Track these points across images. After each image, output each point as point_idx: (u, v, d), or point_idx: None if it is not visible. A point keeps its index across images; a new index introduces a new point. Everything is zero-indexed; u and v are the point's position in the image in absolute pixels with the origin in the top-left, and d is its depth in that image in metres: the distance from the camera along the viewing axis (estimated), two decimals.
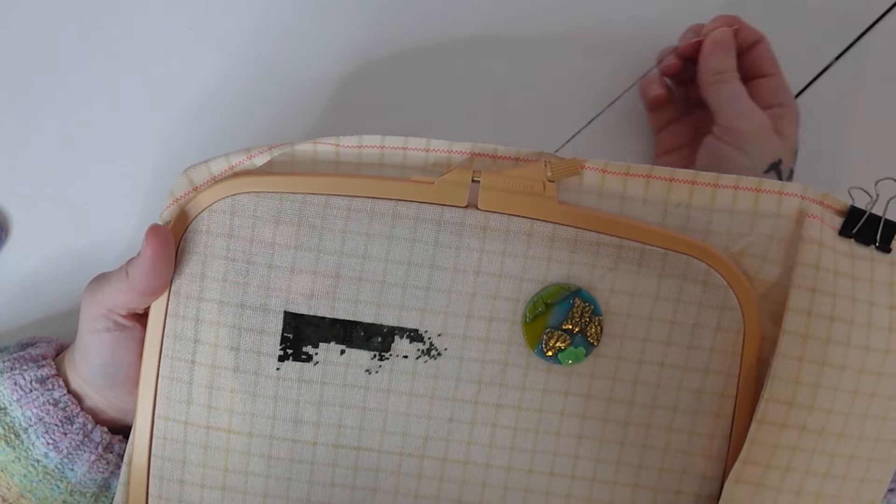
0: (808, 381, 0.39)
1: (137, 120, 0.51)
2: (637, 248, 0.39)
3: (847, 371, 0.39)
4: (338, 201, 0.39)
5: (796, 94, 0.53)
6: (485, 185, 0.38)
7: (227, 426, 0.40)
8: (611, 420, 0.40)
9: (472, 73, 0.52)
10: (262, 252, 0.39)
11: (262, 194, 0.39)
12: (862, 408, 0.40)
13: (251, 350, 0.40)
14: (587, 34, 0.53)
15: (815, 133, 0.53)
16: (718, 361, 0.40)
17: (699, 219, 0.40)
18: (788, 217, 0.40)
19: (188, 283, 0.40)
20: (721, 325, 0.39)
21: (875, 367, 0.40)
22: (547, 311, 0.39)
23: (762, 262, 0.40)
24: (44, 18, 0.50)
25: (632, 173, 0.40)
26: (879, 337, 0.39)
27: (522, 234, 0.39)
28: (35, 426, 0.41)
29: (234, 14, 0.51)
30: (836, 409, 0.39)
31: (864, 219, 0.40)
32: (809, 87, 0.53)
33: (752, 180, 0.39)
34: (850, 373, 0.39)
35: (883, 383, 0.40)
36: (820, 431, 0.39)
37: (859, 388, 0.39)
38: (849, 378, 0.39)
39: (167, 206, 0.40)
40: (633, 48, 0.53)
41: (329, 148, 0.40)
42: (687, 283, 0.39)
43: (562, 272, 0.39)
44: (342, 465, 0.40)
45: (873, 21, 0.53)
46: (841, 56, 0.53)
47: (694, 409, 0.40)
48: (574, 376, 0.40)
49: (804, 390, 0.39)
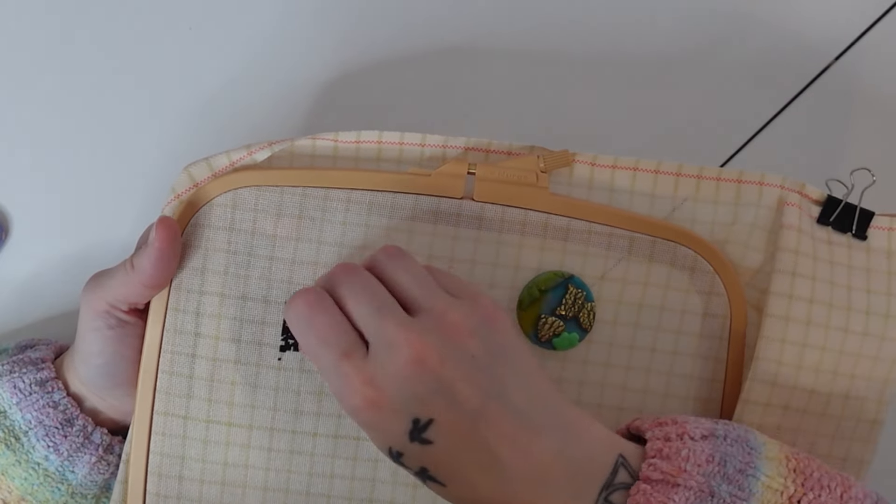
0: (791, 362, 0.40)
1: (137, 120, 0.51)
2: (627, 236, 0.40)
3: (827, 352, 0.41)
4: (337, 194, 0.40)
5: (796, 94, 0.53)
6: (480, 176, 0.40)
7: (228, 419, 0.41)
8: (605, 405, 0.41)
9: (472, 74, 0.52)
10: (263, 244, 0.40)
11: (262, 188, 0.40)
12: (843, 388, 0.41)
13: (253, 341, 0.40)
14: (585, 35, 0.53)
15: (813, 134, 0.53)
16: (706, 346, 0.41)
17: (684, 209, 0.41)
18: (769, 206, 0.41)
19: (189, 277, 0.40)
20: (708, 310, 0.41)
21: (855, 349, 0.41)
22: (541, 297, 0.40)
23: (745, 250, 0.41)
24: (44, 18, 0.50)
25: (619, 166, 0.41)
26: (857, 320, 0.41)
27: (517, 224, 0.40)
28: (35, 429, 0.41)
29: (234, 15, 0.51)
30: (817, 389, 0.41)
31: (840, 207, 0.42)
32: (809, 87, 0.53)
33: (733, 172, 0.41)
34: (831, 353, 0.41)
35: (861, 364, 0.41)
36: (803, 411, 0.41)
37: (839, 369, 0.41)
38: (829, 358, 0.41)
39: (168, 201, 0.41)
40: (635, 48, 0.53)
41: (328, 143, 0.41)
42: (675, 270, 0.41)
43: (555, 260, 0.40)
44: (342, 455, 0.41)
45: (873, 21, 0.53)
46: (841, 56, 0.53)
47: (684, 395, 0.42)
48: (568, 362, 0.41)
49: (787, 371, 0.40)
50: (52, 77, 0.50)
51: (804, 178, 0.42)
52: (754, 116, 0.53)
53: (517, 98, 0.53)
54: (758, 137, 0.53)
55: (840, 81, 0.53)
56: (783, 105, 0.53)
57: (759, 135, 0.53)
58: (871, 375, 0.42)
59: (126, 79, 0.51)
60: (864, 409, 0.42)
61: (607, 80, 0.53)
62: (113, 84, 0.51)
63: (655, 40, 0.53)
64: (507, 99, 0.53)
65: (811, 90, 0.53)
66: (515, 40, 0.53)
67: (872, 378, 0.42)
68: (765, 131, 0.53)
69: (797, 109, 0.53)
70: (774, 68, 0.53)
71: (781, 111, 0.53)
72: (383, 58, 0.52)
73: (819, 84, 0.53)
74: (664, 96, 0.53)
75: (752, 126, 0.53)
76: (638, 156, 0.41)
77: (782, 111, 0.53)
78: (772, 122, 0.53)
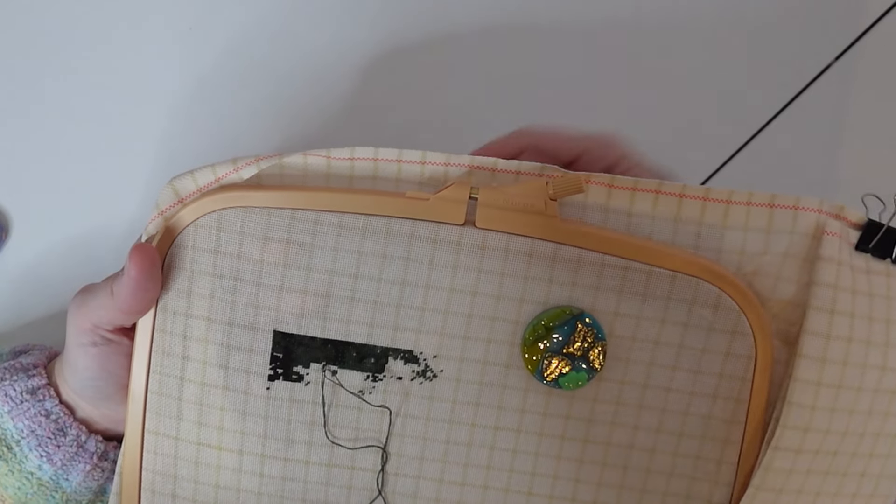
0: (825, 405, 0.37)
1: (137, 120, 0.51)
2: (644, 269, 0.37)
3: (863, 392, 0.38)
4: (328, 217, 0.37)
5: (797, 94, 0.52)
6: (483, 202, 0.36)
7: (218, 443, 0.39)
8: (614, 444, 0.39)
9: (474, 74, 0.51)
10: (249, 269, 0.38)
11: (249, 209, 0.37)
12: (876, 426, 0.38)
13: (240, 369, 0.38)
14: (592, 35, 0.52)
15: (814, 133, 0.52)
16: (727, 387, 0.38)
17: (711, 237, 0.37)
18: (804, 233, 0.37)
19: (175, 299, 0.38)
20: (731, 350, 0.38)
21: (891, 386, 0.38)
22: (547, 334, 0.37)
23: (776, 282, 0.38)
24: (44, 18, 0.50)
25: (640, 188, 0.37)
26: (895, 355, 0.38)
27: (522, 254, 0.37)
28: (27, 438, 0.41)
29: (234, 14, 0.50)
30: (850, 431, 0.38)
31: (881, 232, 0.38)
32: (809, 87, 0.52)
33: (764, 196, 0.37)
34: (867, 393, 0.38)
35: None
36: (834, 453, 0.38)
37: (874, 408, 0.38)
38: (865, 399, 0.38)
39: (152, 218, 0.38)
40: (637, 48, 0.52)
41: (320, 160, 0.38)
42: (696, 307, 0.37)
43: (564, 294, 0.37)
44: (336, 484, 0.39)
45: (873, 21, 0.52)
46: (841, 56, 0.52)
47: (701, 435, 0.39)
48: (576, 400, 0.38)
49: (820, 415, 0.37)
50: (52, 77, 0.51)
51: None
52: (754, 117, 0.53)
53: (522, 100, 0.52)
54: (758, 137, 0.52)
55: (840, 81, 0.52)
56: (783, 105, 0.52)
57: (759, 135, 0.52)
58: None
59: (126, 79, 0.51)
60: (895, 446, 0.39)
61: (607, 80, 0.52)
62: (113, 84, 0.51)
63: (656, 40, 0.52)
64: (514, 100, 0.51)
65: (811, 90, 0.52)
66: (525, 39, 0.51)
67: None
68: (764, 131, 0.52)
69: (797, 109, 0.52)
70: (774, 68, 0.52)
71: (781, 111, 0.52)
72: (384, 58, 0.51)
73: (819, 84, 0.52)
74: (664, 96, 0.52)
75: (752, 126, 0.52)
76: None
77: (782, 111, 0.52)
78: (772, 122, 0.52)
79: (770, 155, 0.52)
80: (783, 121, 0.52)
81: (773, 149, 0.52)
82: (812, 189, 0.50)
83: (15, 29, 0.50)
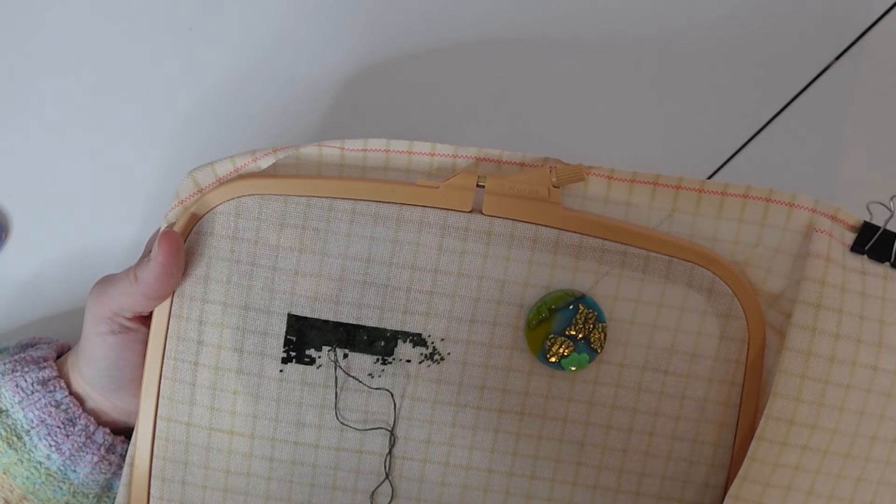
0: (810, 399, 0.38)
1: (138, 120, 0.51)
2: (642, 254, 0.39)
3: (853, 390, 0.38)
4: (342, 204, 0.39)
5: (796, 94, 0.53)
6: (489, 189, 0.38)
7: (230, 428, 0.40)
8: (614, 427, 0.40)
9: (476, 75, 0.52)
10: (266, 254, 0.39)
11: (266, 197, 0.39)
12: (870, 429, 0.39)
13: (255, 352, 0.40)
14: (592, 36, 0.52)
15: (813, 134, 0.52)
16: (722, 370, 0.40)
17: (705, 227, 0.39)
18: (796, 231, 0.39)
19: (192, 285, 0.40)
20: (725, 333, 0.39)
21: (885, 389, 0.38)
22: (550, 316, 0.39)
23: (767, 274, 0.39)
24: (44, 19, 0.50)
25: (638, 180, 0.39)
26: (890, 357, 0.38)
27: (527, 240, 0.39)
28: (37, 428, 0.41)
29: (235, 15, 0.51)
30: (840, 429, 0.38)
31: (877, 235, 0.39)
32: (809, 87, 0.52)
33: (762, 190, 0.39)
34: (857, 392, 0.38)
35: (893, 405, 0.39)
36: (824, 451, 0.38)
37: (866, 409, 0.38)
38: (855, 397, 0.38)
39: (172, 207, 0.40)
40: (638, 49, 0.52)
41: (334, 151, 0.40)
42: (691, 291, 0.39)
43: (566, 278, 0.39)
44: (344, 468, 0.40)
45: (873, 21, 0.52)
46: (841, 56, 0.52)
47: (697, 418, 0.40)
48: (577, 382, 0.40)
49: (805, 408, 0.38)
50: (52, 77, 0.50)
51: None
52: (754, 117, 0.53)
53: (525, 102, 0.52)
54: (758, 137, 0.53)
55: (840, 81, 0.53)
56: (783, 105, 0.53)
57: (759, 135, 0.53)
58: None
59: (126, 79, 0.50)
60: (894, 453, 0.39)
61: (607, 81, 0.52)
62: (113, 84, 0.51)
63: (655, 40, 0.52)
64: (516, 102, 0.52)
65: (811, 90, 0.52)
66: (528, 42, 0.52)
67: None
68: (765, 131, 0.53)
69: (797, 109, 0.53)
70: (774, 68, 0.52)
71: (781, 111, 0.53)
72: (386, 57, 0.51)
73: (819, 84, 0.53)
74: (664, 96, 0.53)
75: (752, 126, 0.53)
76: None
77: (782, 111, 0.53)
78: (772, 122, 0.53)
79: (770, 155, 0.52)
80: (783, 121, 0.52)
81: (773, 149, 0.52)
82: (811, 189, 0.50)
83: (15, 29, 0.50)
